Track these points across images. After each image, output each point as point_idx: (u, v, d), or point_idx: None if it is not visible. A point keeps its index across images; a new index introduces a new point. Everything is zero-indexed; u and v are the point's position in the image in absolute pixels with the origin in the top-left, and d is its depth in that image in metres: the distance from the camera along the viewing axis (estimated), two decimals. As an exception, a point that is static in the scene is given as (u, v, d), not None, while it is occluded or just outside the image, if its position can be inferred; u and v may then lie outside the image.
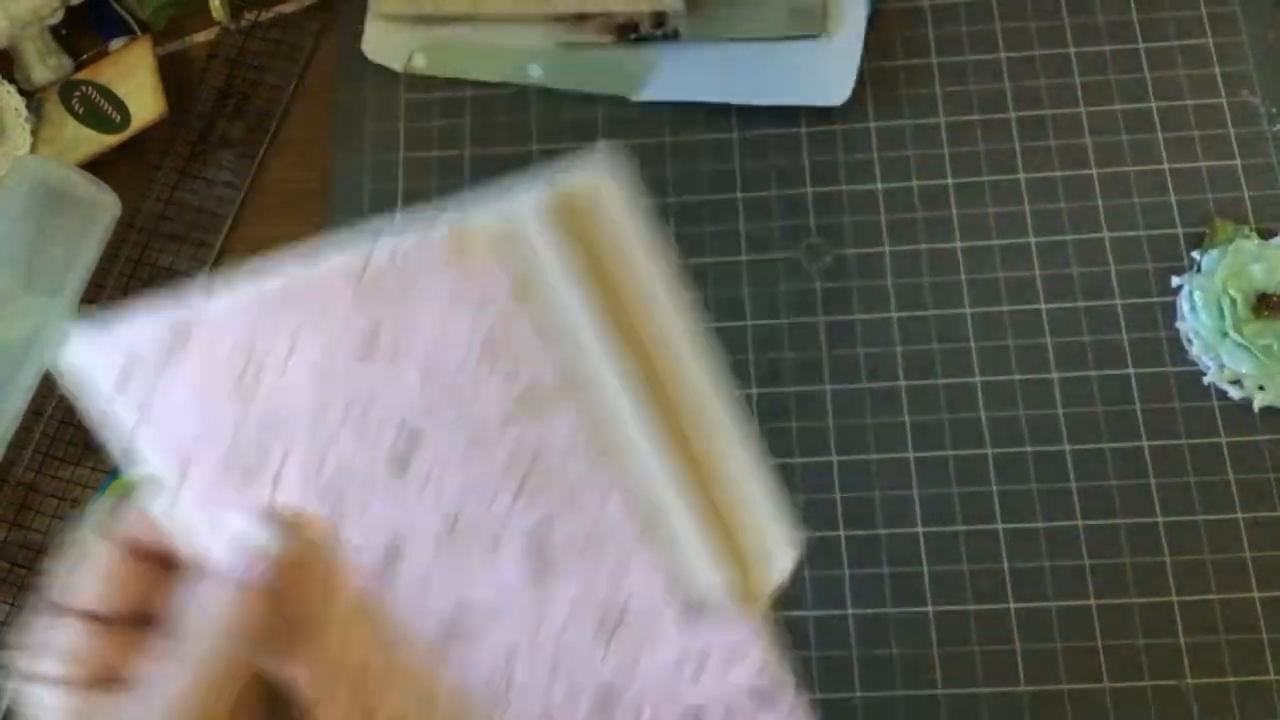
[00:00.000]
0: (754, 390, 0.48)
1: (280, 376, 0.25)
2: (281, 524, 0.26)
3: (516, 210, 0.24)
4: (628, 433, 0.25)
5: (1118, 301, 0.48)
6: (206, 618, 0.26)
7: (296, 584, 0.27)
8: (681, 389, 0.25)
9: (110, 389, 0.25)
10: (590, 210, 0.24)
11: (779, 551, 0.25)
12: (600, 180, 0.24)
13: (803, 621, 0.45)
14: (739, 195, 0.51)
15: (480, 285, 0.24)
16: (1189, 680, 0.43)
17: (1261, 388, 0.46)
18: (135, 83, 0.54)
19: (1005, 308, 0.48)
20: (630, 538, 0.25)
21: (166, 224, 0.53)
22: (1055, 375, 0.47)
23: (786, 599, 0.45)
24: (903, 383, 0.48)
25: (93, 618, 0.26)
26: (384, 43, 0.55)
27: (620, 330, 0.25)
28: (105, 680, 0.26)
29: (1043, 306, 0.48)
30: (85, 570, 0.27)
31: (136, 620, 0.27)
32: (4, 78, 0.54)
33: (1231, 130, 0.50)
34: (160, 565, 0.27)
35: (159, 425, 0.26)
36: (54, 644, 0.26)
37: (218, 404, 0.25)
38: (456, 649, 0.26)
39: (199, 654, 0.26)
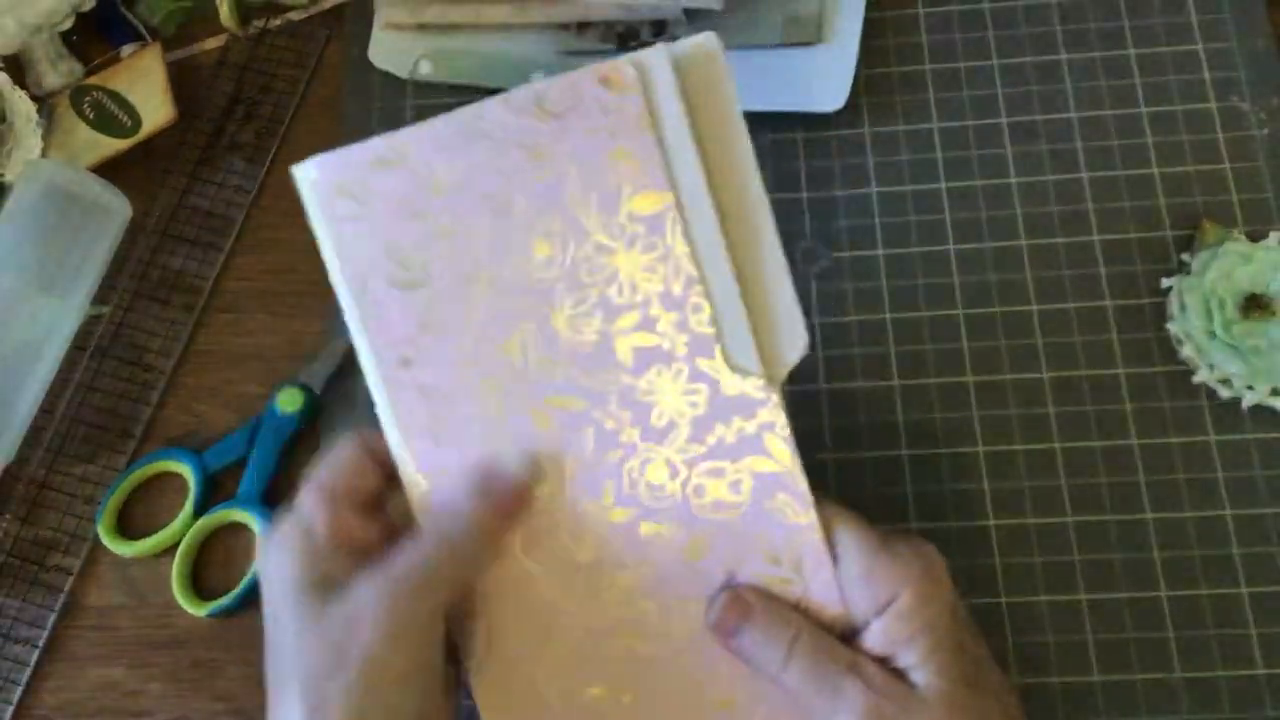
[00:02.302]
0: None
1: (462, 191, 0.33)
2: (534, 465, 0.34)
3: (650, 57, 0.33)
4: (706, 229, 0.33)
5: (1108, 303, 0.49)
6: (450, 517, 0.32)
7: (510, 522, 0.33)
8: (744, 214, 0.34)
9: (331, 194, 0.34)
10: (700, 67, 0.34)
11: (797, 339, 0.34)
12: (711, 48, 0.34)
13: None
14: (737, 199, 0.52)
15: (620, 105, 0.33)
16: (1177, 674, 0.44)
17: (1250, 387, 0.47)
18: (146, 88, 0.55)
19: (997, 309, 0.49)
20: (697, 318, 0.34)
21: (177, 227, 0.54)
22: (1046, 375, 0.48)
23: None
24: (897, 382, 0.48)
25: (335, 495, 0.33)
26: (390, 50, 0.56)
27: (709, 162, 0.33)
28: (342, 544, 0.32)
29: (1034, 308, 0.49)
30: (334, 457, 0.34)
31: (370, 509, 0.34)
32: (16, 83, 0.55)
33: (1220, 135, 0.51)
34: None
35: (355, 241, 0.34)
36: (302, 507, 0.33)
37: (405, 222, 0.33)
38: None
39: (436, 544, 0.32)
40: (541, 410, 0.34)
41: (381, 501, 0.34)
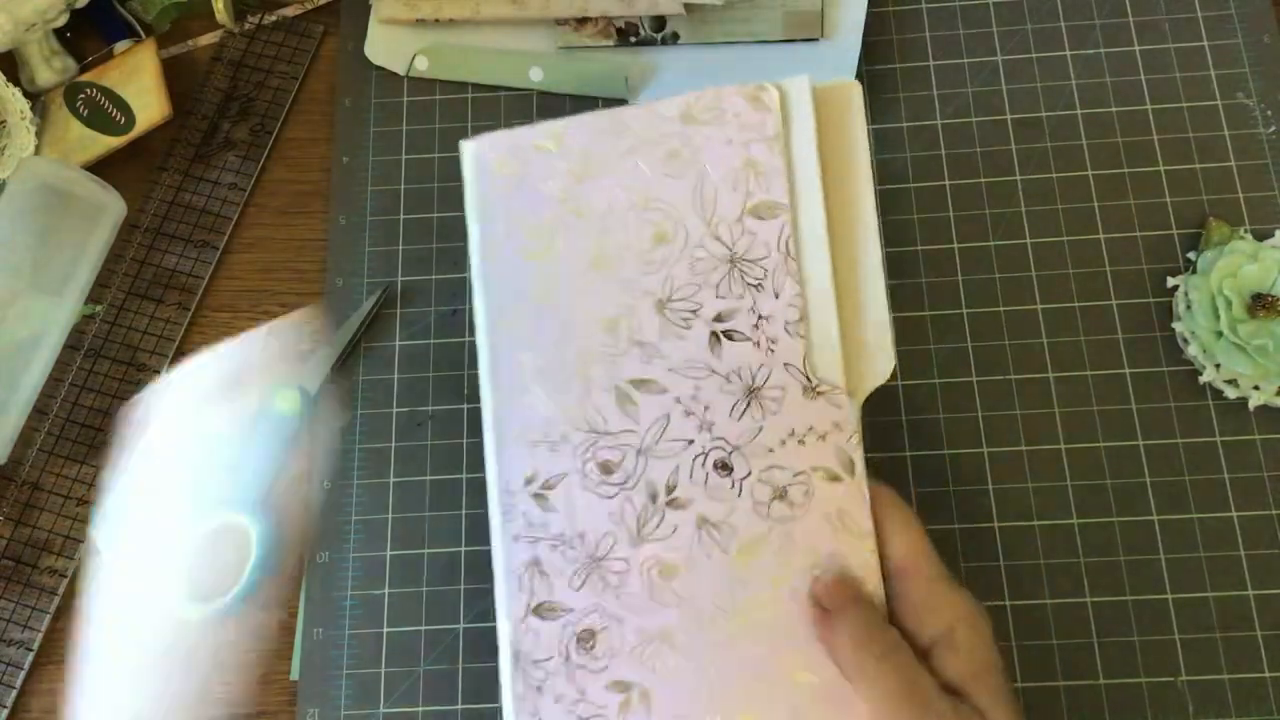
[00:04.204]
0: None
1: (601, 179, 0.38)
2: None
3: (794, 84, 0.38)
4: (815, 245, 0.36)
5: (1113, 302, 0.49)
6: None
7: None
8: (854, 240, 0.37)
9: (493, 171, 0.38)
10: (837, 104, 0.38)
11: (883, 363, 0.36)
12: (852, 90, 0.38)
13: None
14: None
15: (759, 122, 0.37)
16: (1184, 677, 0.43)
17: (1257, 387, 0.46)
18: (140, 85, 0.55)
19: (1001, 308, 0.49)
20: (790, 325, 0.36)
21: (171, 225, 0.53)
22: (1051, 375, 0.48)
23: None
24: (900, 382, 0.48)
25: None
26: (386, 45, 0.55)
27: (829, 187, 0.37)
28: None
29: (1039, 307, 0.49)
30: None
31: None
32: (9, 80, 0.54)
33: (1227, 132, 0.51)
34: None
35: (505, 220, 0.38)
36: None
37: (549, 206, 0.38)
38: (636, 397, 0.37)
39: None
40: (625, 390, 0.36)
41: None
